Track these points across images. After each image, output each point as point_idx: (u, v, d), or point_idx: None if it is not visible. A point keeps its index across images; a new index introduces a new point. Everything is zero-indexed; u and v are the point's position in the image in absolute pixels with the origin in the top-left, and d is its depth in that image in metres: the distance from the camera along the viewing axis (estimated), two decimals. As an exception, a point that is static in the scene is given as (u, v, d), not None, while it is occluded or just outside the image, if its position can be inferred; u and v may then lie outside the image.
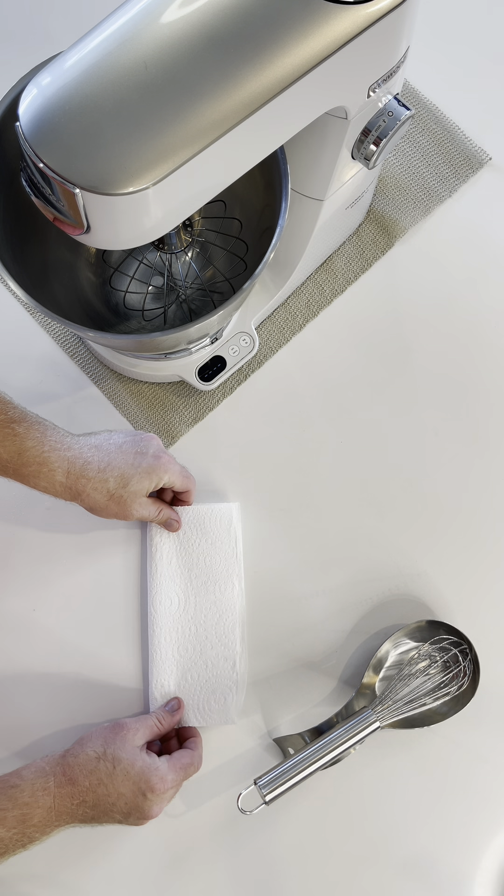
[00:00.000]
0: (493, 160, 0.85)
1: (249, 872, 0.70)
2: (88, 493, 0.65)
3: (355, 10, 0.49)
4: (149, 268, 0.78)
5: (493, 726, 0.73)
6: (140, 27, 0.47)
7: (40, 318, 0.83)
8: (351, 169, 0.66)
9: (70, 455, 0.65)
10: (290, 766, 0.66)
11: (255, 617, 0.75)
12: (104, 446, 0.67)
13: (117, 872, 0.71)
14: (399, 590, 0.75)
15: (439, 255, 0.83)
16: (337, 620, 0.75)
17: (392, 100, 0.59)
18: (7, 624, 0.75)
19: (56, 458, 0.64)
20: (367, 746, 0.69)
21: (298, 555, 0.77)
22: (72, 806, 0.61)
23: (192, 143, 0.47)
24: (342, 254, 0.83)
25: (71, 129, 0.46)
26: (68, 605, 0.75)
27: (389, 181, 0.85)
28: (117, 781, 0.62)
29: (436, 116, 0.86)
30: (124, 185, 0.46)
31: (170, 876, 0.70)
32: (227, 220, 0.76)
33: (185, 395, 0.80)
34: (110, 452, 0.66)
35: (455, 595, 0.75)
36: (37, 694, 0.73)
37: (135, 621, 0.75)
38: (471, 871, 0.71)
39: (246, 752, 0.72)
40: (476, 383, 0.80)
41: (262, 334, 0.81)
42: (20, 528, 0.77)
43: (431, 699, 0.69)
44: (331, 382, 0.80)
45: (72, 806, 0.61)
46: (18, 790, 0.61)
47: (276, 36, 0.48)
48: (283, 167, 0.62)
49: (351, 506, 0.77)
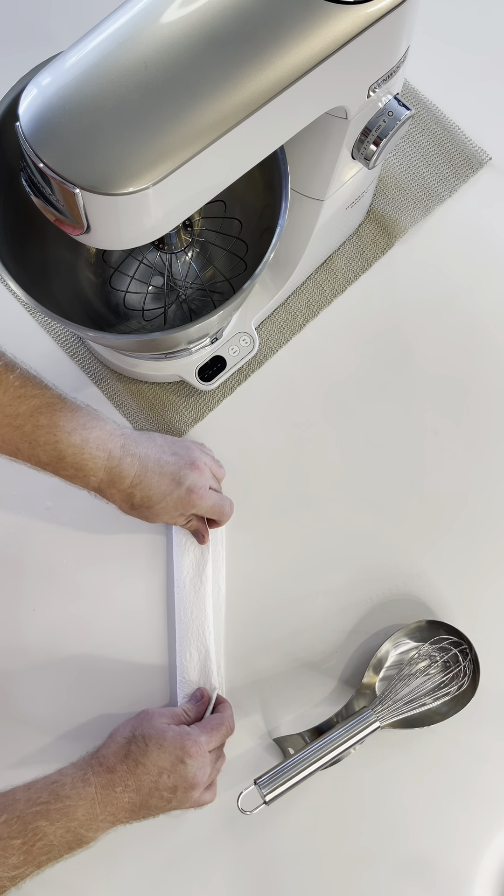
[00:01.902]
0: (493, 160, 0.85)
1: (249, 872, 0.70)
2: (115, 500, 0.66)
3: (355, 10, 0.49)
4: (149, 268, 0.78)
5: (493, 726, 0.73)
6: (140, 27, 0.47)
7: (40, 317, 0.83)
8: (351, 169, 0.66)
9: (108, 465, 0.63)
10: (290, 765, 0.66)
11: (255, 617, 0.75)
12: (146, 460, 0.65)
13: (117, 872, 0.71)
14: (399, 590, 0.75)
15: (439, 255, 0.83)
16: (337, 620, 0.75)
17: (392, 100, 0.59)
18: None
19: (94, 467, 0.63)
20: (367, 746, 0.69)
21: (298, 555, 0.77)
22: (115, 795, 0.60)
23: (192, 143, 0.47)
24: (342, 254, 0.83)
25: (71, 129, 0.46)
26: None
27: (389, 181, 0.85)
28: (153, 757, 0.62)
29: (436, 116, 0.86)
30: (124, 185, 0.46)
31: (170, 876, 0.70)
32: (227, 220, 0.76)
33: (185, 395, 0.80)
34: (147, 469, 0.65)
35: (455, 595, 0.75)
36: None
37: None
38: (471, 871, 0.71)
39: (246, 752, 0.72)
40: (476, 383, 0.80)
41: (262, 334, 0.81)
42: (24, 520, 0.77)
43: (431, 699, 0.69)
44: (331, 382, 0.80)
45: (115, 795, 0.60)
46: (60, 785, 0.61)
47: (276, 36, 0.48)
48: (283, 167, 0.62)
49: (351, 506, 0.77)
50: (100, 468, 0.63)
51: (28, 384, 0.62)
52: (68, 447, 0.61)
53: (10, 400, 0.60)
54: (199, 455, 0.70)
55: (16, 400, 0.60)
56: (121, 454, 0.64)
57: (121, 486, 0.64)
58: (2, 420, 0.60)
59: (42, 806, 0.59)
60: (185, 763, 0.62)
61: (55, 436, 0.61)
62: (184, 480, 0.66)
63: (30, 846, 0.58)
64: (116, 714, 0.73)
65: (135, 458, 0.64)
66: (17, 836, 0.58)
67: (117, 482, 0.64)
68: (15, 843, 0.57)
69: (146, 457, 0.65)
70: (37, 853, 0.58)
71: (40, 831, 0.58)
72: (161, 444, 0.68)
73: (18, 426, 0.61)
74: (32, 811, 0.59)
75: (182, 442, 0.71)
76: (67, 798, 0.60)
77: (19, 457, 0.63)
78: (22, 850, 0.57)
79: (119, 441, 0.65)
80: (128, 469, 0.64)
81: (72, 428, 0.62)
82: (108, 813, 0.60)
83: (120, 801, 0.61)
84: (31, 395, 0.61)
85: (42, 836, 0.58)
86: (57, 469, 0.63)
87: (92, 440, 0.63)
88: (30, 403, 0.61)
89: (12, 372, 0.62)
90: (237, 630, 0.75)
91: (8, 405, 0.60)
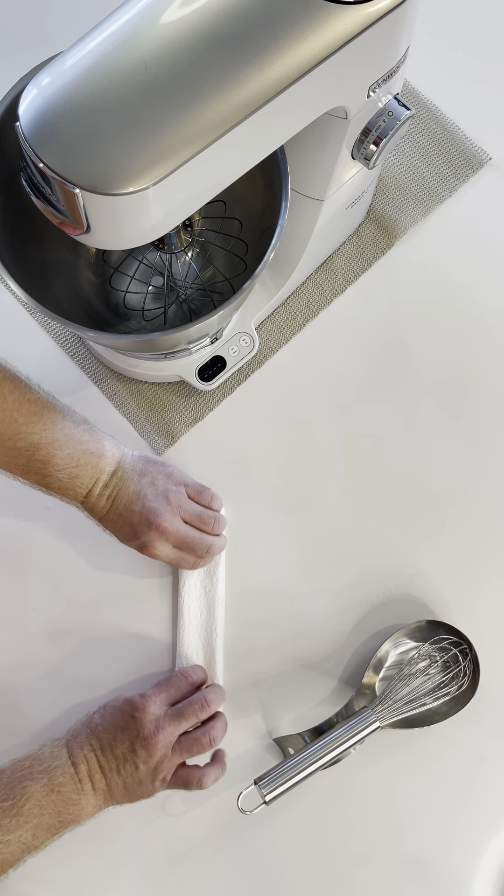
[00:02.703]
0: (493, 160, 0.85)
1: (249, 872, 0.70)
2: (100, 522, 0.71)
3: (355, 10, 0.49)
4: (149, 268, 0.78)
5: (493, 726, 0.73)
6: (140, 27, 0.47)
7: (40, 318, 0.83)
8: (351, 169, 0.66)
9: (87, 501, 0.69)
10: (290, 765, 0.66)
11: (255, 617, 0.75)
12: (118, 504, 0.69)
13: (117, 872, 0.71)
14: (399, 590, 0.75)
15: (439, 255, 0.83)
16: (337, 620, 0.75)
17: (392, 100, 0.59)
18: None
19: (74, 499, 0.69)
20: (367, 746, 0.69)
21: (298, 555, 0.77)
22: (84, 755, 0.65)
23: (192, 143, 0.47)
24: (342, 254, 0.83)
25: (71, 129, 0.46)
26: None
27: (389, 181, 0.85)
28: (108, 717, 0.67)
29: (436, 116, 0.86)
30: (124, 185, 0.46)
31: (170, 876, 0.70)
32: (227, 220, 0.76)
33: (185, 395, 0.80)
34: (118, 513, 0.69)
35: (455, 595, 0.75)
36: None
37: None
38: (471, 871, 0.71)
39: (246, 752, 0.72)
40: (476, 383, 0.80)
41: (262, 334, 0.81)
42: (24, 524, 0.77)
43: (431, 699, 0.69)
44: (331, 382, 0.80)
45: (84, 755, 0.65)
46: (39, 752, 0.66)
47: (276, 36, 0.48)
48: (283, 167, 0.62)
49: (351, 506, 0.77)
50: (78, 501, 0.69)
51: (33, 420, 0.65)
52: (55, 482, 0.67)
53: (12, 434, 0.64)
54: (167, 518, 0.69)
55: (16, 435, 0.64)
56: (99, 492, 0.68)
57: (95, 516, 0.70)
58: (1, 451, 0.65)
59: (25, 770, 0.64)
60: (135, 717, 0.66)
61: (46, 470, 0.66)
62: (140, 535, 0.69)
63: (20, 807, 0.61)
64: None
65: (109, 500, 0.69)
66: (6, 800, 0.62)
67: (91, 512, 0.70)
68: (4, 805, 0.61)
69: (120, 499, 0.69)
70: (27, 815, 0.61)
71: (27, 790, 0.62)
72: (145, 485, 0.70)
73: (14, 457, 0.66)
74: (17, 776, 0.63)
75: (162, 493, 0.70)
76: (47, 759, 0.65)
77: (9, 472, 0.68)
78: (11, 813, 0.61)
79: (105, 479, 0.69)
80: (101, 508, 0.69)
81: (63, 465, 0.66)
82: (83, 773, 0.64)
83: (91, 763, 0.65)
84: (31, 433, 0.65)
85: (29, 795, 0.62)
86: (45, 489, 0.69)
87: (79, 477, 0.67)
88: (29, 440, 0.65)
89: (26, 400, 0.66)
90: (237, 630, 0.75)
91: (9, 439, 0.64)
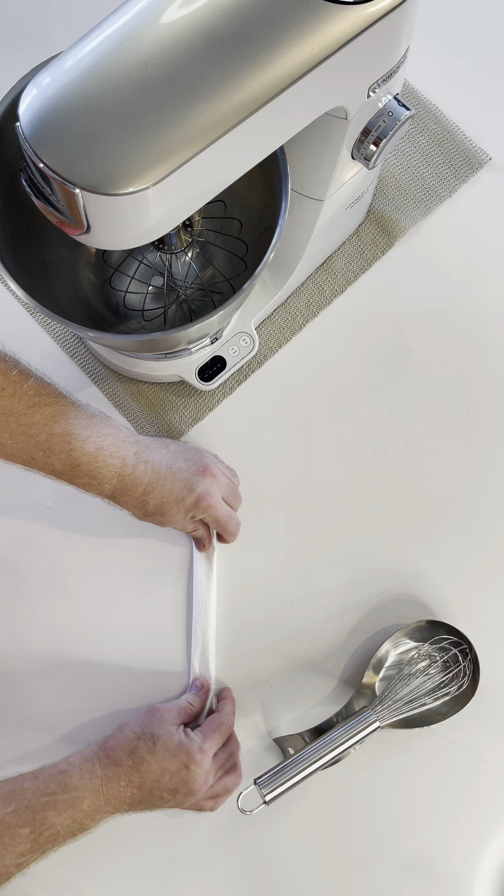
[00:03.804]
0: (493, 160, 0.85)
1: (249, 872, 0.70)
2: (128, 507, 0.67)
3: (355, 10, 0.49)
4: (149, 268, 0.78)
5: (492, 726, 0.73)
6: (140, 27, 0.47)
7: (40, 318, 0.83)
8: (351, 169, 0.66)
9: (122, 472, 0.64)
10: (290, 765, 0.66)
11: (254, 617, 0.75)
12: (159, 467, 0.66)
13: (117, 872, 0.71)
14: (399, 590, 0.75)
15: (439, 255, 0.83)
16: (337, 620, 0.75)
17: (392, 100, 0.59)
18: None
19: (107, 475, 0.63)
20: (367, 746, 0.69)
21: (298, 555, 0.77)
22: (119, 788, 0.62)
23: (192, 143, 0.47)
24: (342, 254, 0.83)
25: (71, 129, 0.46)
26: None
27: (389, 181, 0.85)
28: (159, 756, 0.63)
29: (436, 116, 0.86)
30: (124, 185, 0.46)
31: (170, 876, 0.70)
32: (227, 220, 0.76)
33: (185, 395, 0.80)
34: (160, 475, 0.65)
35: (455, 595, 0.75)
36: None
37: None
38: (471, 871, 0.71)
39: (246, 752, 0.72)
40: (476, 383, 0.80)
41: (262, 334, 0.81)
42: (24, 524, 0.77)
43: (431, 699, 0.69)
44: (331, 382, 0.80)
45: (119, 788, 0.62)
46: (67, 775, 0.62)
47: (276, 36, 0.48)
48: (283, 167, 0.62)
49: (351, 506, 0.77)
50: (113, 476, 0.63)
51: (42, 392, 0.62)
52: (83, 455, 0.62)
53: (24, 409, 0.60)
54: (212, 461, 0.70)
55: (30, 409, 0.61)
56: (134, 461, 0.64)
57: (134, 494, 0.65)
58: (16, 429, 0.61)
59: (50, 797, 0.60)
60: (190, 769, 0.64)
61: (69, 444, 0.61)
62: (195, 487, 0.66)
63: (37, 835, 0.59)
64: (116, 713, 0.73)
65: (147, 465, 0.65)
66: (26, 826, 0.59)
67: (130, 490, 0.64)
68: (23, 832, 0.59)
69: (159, 463, 0.65)
70: (43, 842, 0.60)
71: (48, 821, 0.60)
72: (174, 450, 0.69)
73: (33, 435, 0.61)
74: (41, 801, 0.60)
75: (196, 449, 0.72)
76: (75, 789, 0.61)
77: (34, 465, 0.63)
78: (30, 839, 0.59)
79: (132, 448, 0.65)
80: (140, 476, 0.64)
81: (86, 436, 0.62)
82: (111, 805, 0.62)
83: (122, 795, 0.62)
84: (45, 404, 0.61)
85: (49, 825, 0.60)
86: (71, 477, 0.63)
87: (106, 448, 0.63)
88: (44, 412, 0.61)
89: (27, 381, 0.62)
90: (238, 630, 0.75)
91: (22, 414, 0.60)
